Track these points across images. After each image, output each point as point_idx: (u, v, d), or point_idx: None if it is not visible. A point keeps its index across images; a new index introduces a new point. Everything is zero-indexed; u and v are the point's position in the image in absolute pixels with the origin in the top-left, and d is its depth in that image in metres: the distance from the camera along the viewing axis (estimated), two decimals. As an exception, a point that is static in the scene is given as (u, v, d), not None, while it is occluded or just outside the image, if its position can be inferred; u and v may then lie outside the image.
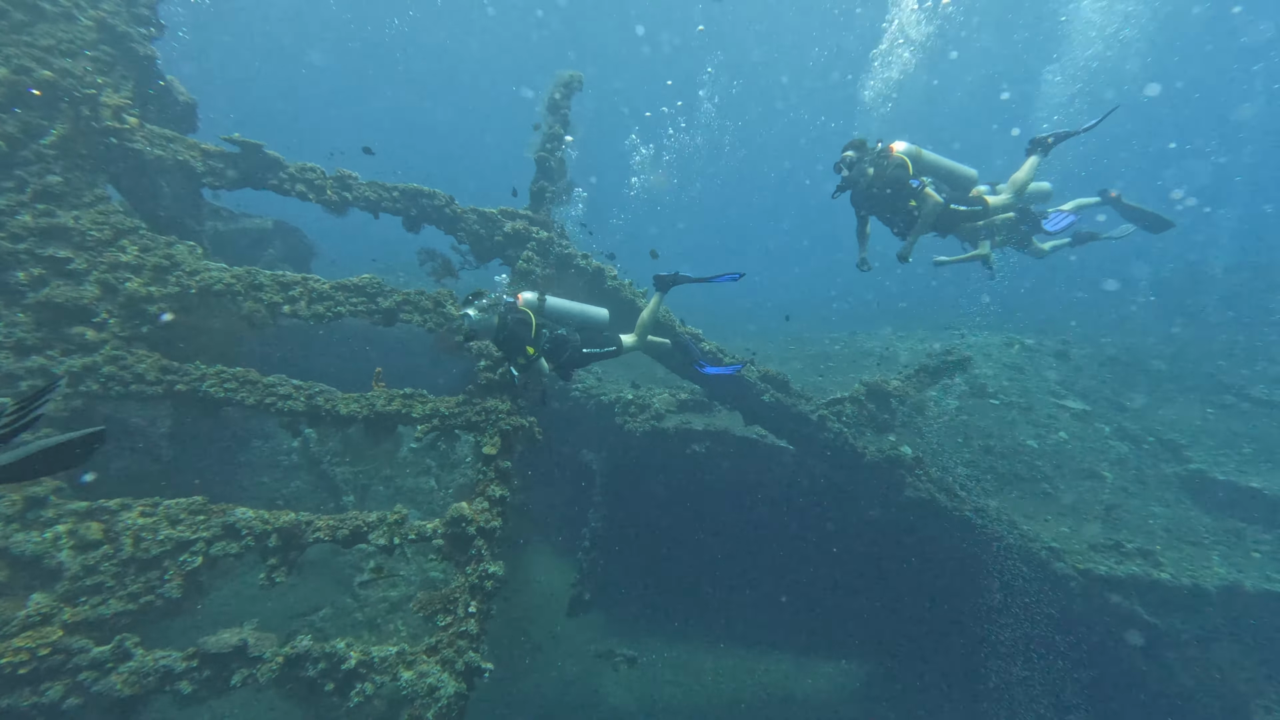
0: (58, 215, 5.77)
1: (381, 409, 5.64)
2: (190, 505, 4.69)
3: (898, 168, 5.37)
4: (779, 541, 9.22)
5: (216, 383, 5.50)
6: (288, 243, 13.35)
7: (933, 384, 8.69)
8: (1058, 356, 12.51)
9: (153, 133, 6.61)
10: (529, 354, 5.12)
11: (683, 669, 8.54)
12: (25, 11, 6.03)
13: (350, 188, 7.16)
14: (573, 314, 5.82)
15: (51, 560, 4.26)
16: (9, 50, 5.86)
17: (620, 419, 8.96)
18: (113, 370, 5.39)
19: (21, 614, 3.94)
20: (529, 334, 5.16)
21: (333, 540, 4.65)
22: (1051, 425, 10.29)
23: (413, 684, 4.09)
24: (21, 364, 5.15)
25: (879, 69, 16.06)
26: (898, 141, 5.56)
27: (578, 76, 7.87)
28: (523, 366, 5.18)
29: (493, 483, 5.33)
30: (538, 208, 7.52)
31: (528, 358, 5.13)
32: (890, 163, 5.40)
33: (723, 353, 7.31)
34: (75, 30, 6.25)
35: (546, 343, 5.42)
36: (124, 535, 4.41)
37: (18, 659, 3.70)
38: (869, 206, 5.73)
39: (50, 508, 4.57)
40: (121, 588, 4.22)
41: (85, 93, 6.04)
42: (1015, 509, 8.37)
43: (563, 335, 5.53)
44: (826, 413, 7.35)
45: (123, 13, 6.58)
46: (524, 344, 5.10)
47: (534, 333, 5.21)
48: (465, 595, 4.60)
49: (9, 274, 5.43)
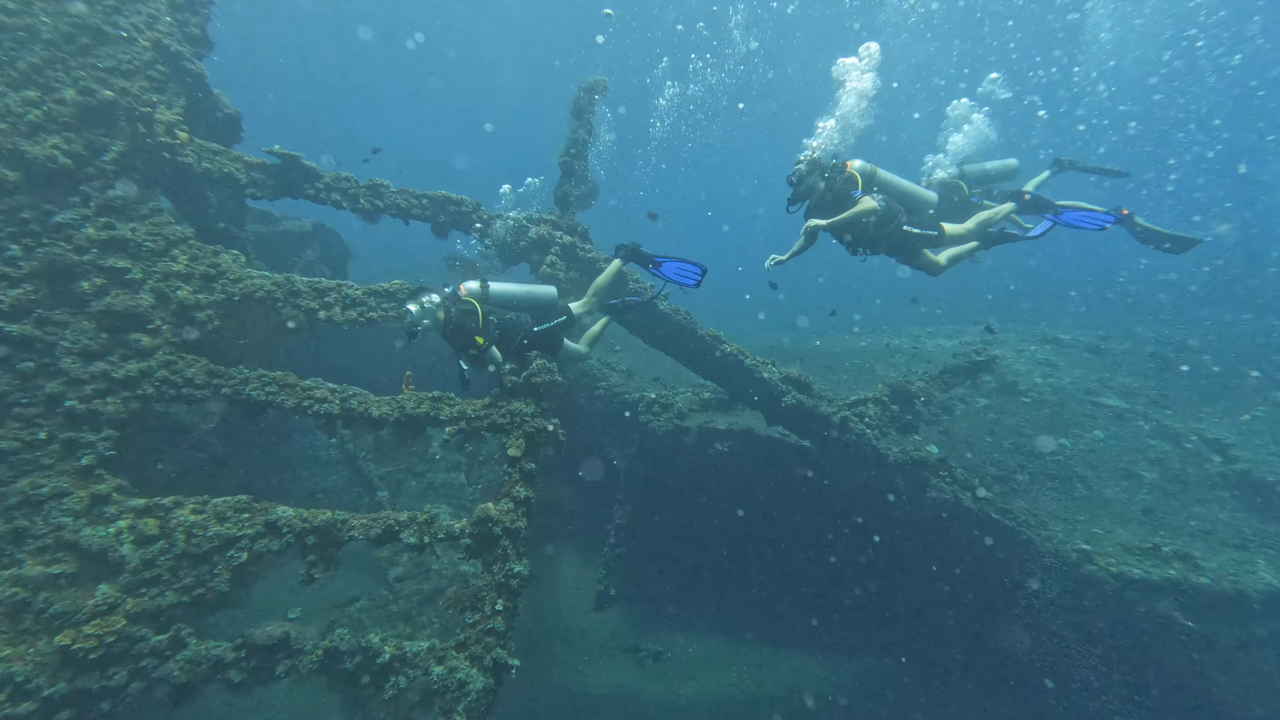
0: (117, 227, 6.15)
1: (411, 411, 5.88)
2: (235, 503, 5.01)
3: (846, 182, 5.38)
4: (803, 539, 9.26)
5: (258, 386, 5.81)
6: (325, 244, 13.85)
7: (959, 384, 8.57)
8: (1093, 352, 12.15)
9: (201, 146, 6.96)
10: (479, 344, 5.00)
11: (708, 664, 8.67)
12: (91, 36, 6.42)
13: (381, 195, 7.42)
14: (519, 296, 5.72)
15: (115, 553, 4.61)
16: (77, 73, 6.27)
17: (644, 418, 9.10)
18: (165, 375, 5.75)
19: (90, 603, 4.30)
20: (476, 323, 5.05)
21: (366, 539, 4.91)
22: (1086, 423, 10.04)
23: (443, 679, 4.32)
24: (87, 369, 5.53)
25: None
26: (854, 160, 5.57)
27: (602, 81, 7.96)
28: (474, 358, 5.08)
29: (518, 484, 5.52)
30: (562, 212, 7.67)
31: (478, 348, 5.02)
32: (840, 178, 5.41)
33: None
34: (134, 51, 6.62)
35: (496, 329, 5.29)
36: (177, 531, 4.75)
37: (88, 645, 4.05)
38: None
39: (113, 504, 4.93)
40: (176, 580, 4.55)
41: (142, 110, 6.41)
42: (1045, 510, 8.24)
43: (512, 319, 5.44)
44: (849, 414, 7.36)
45: (176, 33, 6.93)
46: (472, 334, 4.99)
47: (481, 321, 5.09)
48: (492, 594, 4.81)
49: (75, 284, 5.83)
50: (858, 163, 5.56)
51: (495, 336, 5.26)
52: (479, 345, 5.00)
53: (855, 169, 5.50)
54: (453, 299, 5.15)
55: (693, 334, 7.38)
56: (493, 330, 5.25)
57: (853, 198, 5.30)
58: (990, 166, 7.12)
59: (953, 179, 6.90)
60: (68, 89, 6.16)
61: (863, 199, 5.32)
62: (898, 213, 5.52)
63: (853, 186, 5.35)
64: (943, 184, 6.84)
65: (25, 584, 4.37)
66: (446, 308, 5.06)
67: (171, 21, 6.92)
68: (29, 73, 6.11)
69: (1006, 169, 7.13)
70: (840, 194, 5.37)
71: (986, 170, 7.09)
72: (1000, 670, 8.08)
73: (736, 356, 7.34)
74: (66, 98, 6.13)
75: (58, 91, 6.14)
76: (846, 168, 5.49)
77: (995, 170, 7.12)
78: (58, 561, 4.53)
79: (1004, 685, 7.99)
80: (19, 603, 4.31)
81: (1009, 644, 7.77)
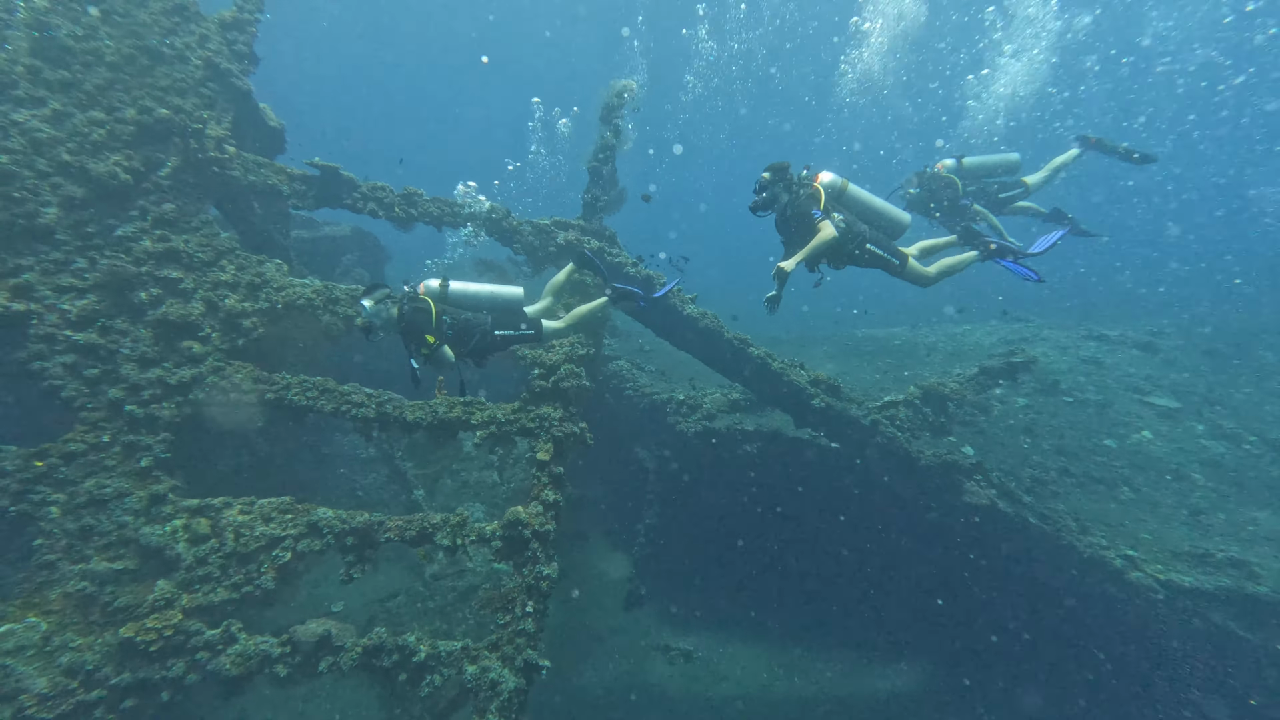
0: (172, 239, 6.49)
1: (444, 416, 6.05)
2: (280, 504, 5.26)
3: (809, 198, 5.13)
4: (835, 541, 9.17)
5: (300, 391, 6.07)
6: (364, 248, 14.32)
7: (994, 386, 8.34)
8: (1143, 349, 11.64)
9: (247, 160, 7.28)
10: (430, 343, 4.95)
11: (739, 665, 8.69)
12: (149, 57, 6.79)
13: (415, 204, 7.63)
14: (481, 297, 5.62)
15: (171, 551, 4.90)
16: (136, 92, 6.64)
17: (672, 419, 9.13)
18: (215, 380, 6.06)
19: (150, 598, 4.60)
20: (428, 322, 5.00)
21: (401, 540, 5.09)
22: (1133, 424, 9.65)
23: (476, 678, 4.47)
24: (144, 375, 5.87)
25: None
26: (825, 172, 5.33)
27: (630, 85, 7.99)
28: (425, 357, 5.03)
29: (546, 487, 5.64)
30: (590, 217, 7.75)
31: (429, 347, 4.97)
32: (804, 192, 5.18)
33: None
34: (187, 70, 6.97)
35: (449, 329, 5.23)
36: (227, 531, 5.02)
37: (149, 638, 4.34)
38: (784, 232, 5.50)
39: (169, 504, 5.24)
40: (226, 578, 4.82)
41: (194, 127, 6.75)
42: (1088, 513, 7.97)
43: (468, 320, 5.37)
44: (879, 417, 7.25)
45: (225, 50, 7.25)
46: (424, 333, 4.96)
47: (434, 321, 5.04)
48: (522, 595, 4.94)
49: (134, 294, 6.18)
50: (828, 176, 5.32)
51: (448, 336, 5.20)
52: (430, 344, 4.96)
53: (825, 183, 5.25)
54: (409, 297, 5.12)
55: (719, 337, 7.38)
56: (446, 330, 5.20)
57: (811, 218, 5.04)
58: (991, 160, 6.91)
59: (949, 172, 6.70)
60: (129, 108, 6.54)
61: (823, 226, 5.03)
62: (860, 232, 5.26)
63: (813, 205, 5.09)
64: (935, 178, 6.66)
65: (93, 578, 4.70)
66: (401, 305, 5.03)
67: (221, 40, 7.25)
68: (94, 94, 6.51)
69: (1007, 163, 6.92)
70: (801, 210, 5.13)
71: (987, 163, 6.88)
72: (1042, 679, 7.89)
73: (765, 359, 7.31)
74: (127, 116, 6.50)
75: (119, 111, 6.52)
76: (816, 180, 5.26)
77: (996, 164, 6.91)
78: (121, 558, 4.85)
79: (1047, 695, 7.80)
80: (87, 596, 4.64)
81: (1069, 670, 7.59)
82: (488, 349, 5.50)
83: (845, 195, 5.38)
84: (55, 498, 5.00)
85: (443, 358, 5.15)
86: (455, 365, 5.37)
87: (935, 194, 6.63)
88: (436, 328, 5.03)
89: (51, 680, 4.16)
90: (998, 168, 6.90)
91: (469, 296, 5.55)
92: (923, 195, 6.74)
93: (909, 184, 6.80)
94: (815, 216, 5.01)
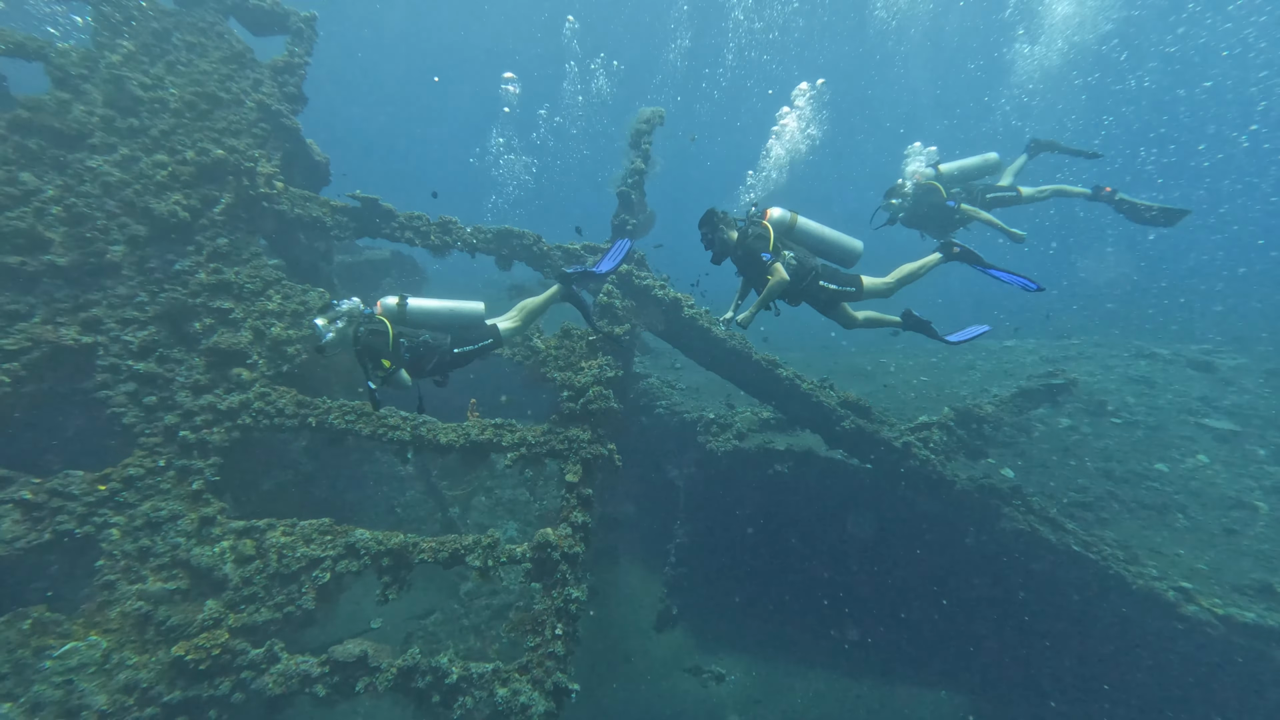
0: (224, 272, 6.87)
1: (476, 438, 6.21)
2: (320, 526, 5.47)
3: (758, 237, 5.01)
4: (869, 563, 8.98)
5: (339, 415, 6.32)
6: (403, 271, 14.82)
7: (1032, 409, 8.07)
8: (1199, 368, 11.08)
9: (294, 194, 7.66)
10: (385, 366, 4.77)
11: (772, 689, 8.56)
12: (209, 102, 7.26)
13: (450, 232, 7.89)
14: (440, 315, 5.44)
15: (219, 572, 5.15)
16: (196, 135, 7.11)
17: (702, 438, 9.13)
18: (261, 405, 6.36)
19: (199, 617, 4.84)
20: (385, 345, 4.83)
21: (435, 561, 5.23)
22: (1187, 447, 9.19)
23: (507, 701, 4.55)
24: (197, 402, 6.21)
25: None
26: (774, 208, 5.21)
27: (659, 112, 8.13)
28: (381, 379, 4.86)
29: (575, 509, 5.72)
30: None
31: (385, 370, 4.79)
32: (753, 231, 5.07)
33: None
34: (241, 112, 7.43)
35: (406, 351, 5.09)
36: (271, 552, 5.24)
37: (199, 656, 4.57)
38: (740, 271, 5.40)
39: (217, 525, 5.51)
40: (270, 598, 5.03)
41: (247, 165, 7.16)
42: (1138, 542, 7.62)
43: (426, 341, 5.24)
44: (912, 439, 7.12)
45: (276, 93, 7.70)
46: (379, 356, 4.77)
47: (391, 343, 4.88)
48: (552, 618, 5.01)
49: (189, 324, 6.56)
50: (777, 212, 5.21)
51: (405, 359, 5.05)
52: (385, 368, 4.77)
53: (773, 219, 5.16)
54: (365, 318, 4.97)
55: (748, 359, 7.38)
56: (403, 352, 5.04)
57: (762, 261, 4.93)
58: (969, 162, 6.72)
59: (928, 179, 6.53)
60: (188, 150, 7.00)
61: (774, 270, 4.93)
62: (812, 268, 5.16)
63: (763, 246, 4.97)
64: (917, 186, 6.49)
65: (148, 598, 4.98)
66: (356, 326, 4.89)
67: (274, 84, 7.69)
68: (159, 138, 6.99)
69: (986, 164, 6.72)
70: (750, 251, 5.04)
71: (965, 166, 6.69)
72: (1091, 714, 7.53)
73: (793, 381, 7.27)
74: (187, 158, 6.96)
75: (180, 153, 6.98)
76: (765, 217, 5.17)
77: (974, 166, 6.72)
78: (174, 578, 5.12)
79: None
80: (143, 615, 4.91)
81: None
82: (448, 368, 5.37)
83: (795, 229, 5.28)
84: (116, 520, 5.32)
85: (399, 381, 4.96)
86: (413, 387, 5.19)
87: (919, 202, 6.44)
88: (393, 351, 4.87)
89: (110, 697, 4.41)
90: (977, 169, 6.71)
91: (428, 314, 5.36)
92: (905, 206, 6.54)
93: (890, 195, 6.61)
94: (765, 260, 4.92)
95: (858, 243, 5.45)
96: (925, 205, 6.39)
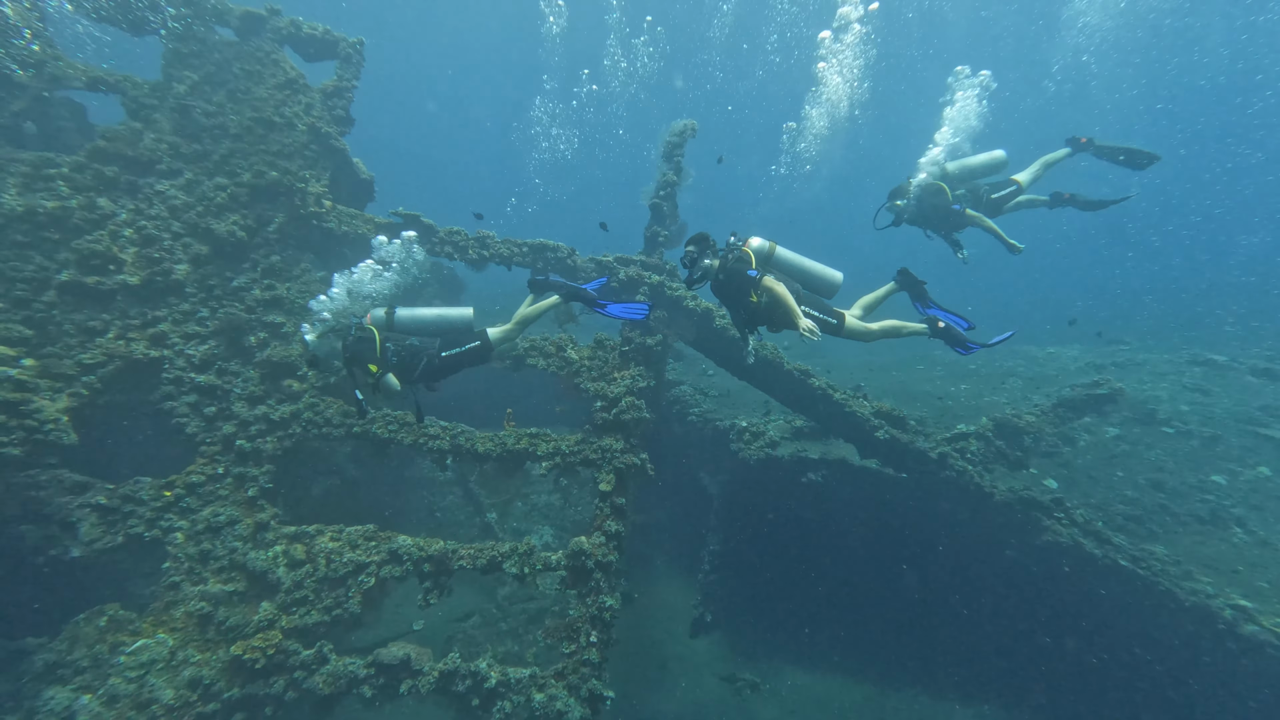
0: (277, 288, 7.25)
1: (512, 447, 6.39)
2: (365, 532, 5.72)
3: (739, 259, 5.01)
4: (907, 574, 8.84)
5: (383, 425, 6.59)
6: (441, 279, 15.25)
7: (1075, 419, 7.81)
8: (1260, 375, 10.54)
9: (341, 212, 8.02)
10: (373, 373, 4.90)
11: (808, 698, 8.49)
12: (265, 128, 7.69)
13: (488, 246, 8.13)
14: (428, 321, 5.55)
15: (273, 575, 5.45)
16: (252, 158, 7.54)
17: (735, 446, 9.15)
18: (310, 415, 6.68)
19: (255, 618, 5.13)
20: (372, 352, 4.96)
21: (473, 568, 5.42)
22: (1248, 459, 8.76)
23: (544, 706, 4.68)
24: (252, 412, 6.57)
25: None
26: (754, 238, 5.21)
27: (691, 125, 8.21)
28: (370, 386, 4.99)
29: (609, 518, 5.84)
30: (650, 252, 7.98)
31: (373, 377, 4.92)
32: (733, 255, 5.06)
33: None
34: (294, 135, 7.84)
35: (393, 358, 5.18)
36: (320, 556, 5.51)
37: (254, 655, 4.85)
38: (722, 297, 5.35)
39: (271, 530, 5.83)
40: (319, 601, 5.30)
41: (298, 186, 7.55)
42: (1193, 557, 7.32)
43: (413, 347, 5.35)
44: (949, 450, 7.00)
45: (326, 115, 8.09)
46: (366, 363, 4.90)
47: (378, 350, 5.00)
48: (586, 625, 5.13)
49: (245, 338, 6.95)
50: (756, 241, 5.22)
51: (392, 364, 5.14)
52: (373, 374, 4.89)
53: (753, 248, 5.16)
54: (354, 328, 5.12)
55: (779, 368, 7.39)
56: (390, 359, 5.14)
57: (748, 278, 4.92)
58: (976, 161, 6.51)
59: (934, 179, 6.36)
60: (245, 173, 7.43)
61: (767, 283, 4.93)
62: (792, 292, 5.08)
63: (745, 265, 4.99)
64: (922, 187, 6.33)
65: (210, 599, 5.30)
66: (344, 336, 5.04)
67: (324, 108, 8.09)
68: (220, 162, 7.44)
69: (993, 162, 6.50)
70: (732, 273, 5.03)
71: (971, 165, 6.48)
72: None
73: (826, 391, 7.25)
74: (244, 180, 7.39)
75: (239, 175, 7.42)
76: (746, 245, 5.17)
77: (981, 164, 6.51)
78: (232, 580, 5.44)
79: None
80: (205, 615, 5.23)
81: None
82: (436, 372, 5.43)
83: (774, 258, 5.30)
84: (180, 524, 5.68)
85: (387, 386, 5.04)
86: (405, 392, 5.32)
87: (923, 203, 6.32)
88: (381, 357, 4.99)
89: (177, 692, 4.73)
90: (984, 168, 6.51)
91: (417, 321, 5.52)
92: (910, 206, 6.40)
93: (895, 196, 6.49)
94: (752, 276, 4.93)
95: (837, 274, 5.43)
96: (929, 206, 6.30)
